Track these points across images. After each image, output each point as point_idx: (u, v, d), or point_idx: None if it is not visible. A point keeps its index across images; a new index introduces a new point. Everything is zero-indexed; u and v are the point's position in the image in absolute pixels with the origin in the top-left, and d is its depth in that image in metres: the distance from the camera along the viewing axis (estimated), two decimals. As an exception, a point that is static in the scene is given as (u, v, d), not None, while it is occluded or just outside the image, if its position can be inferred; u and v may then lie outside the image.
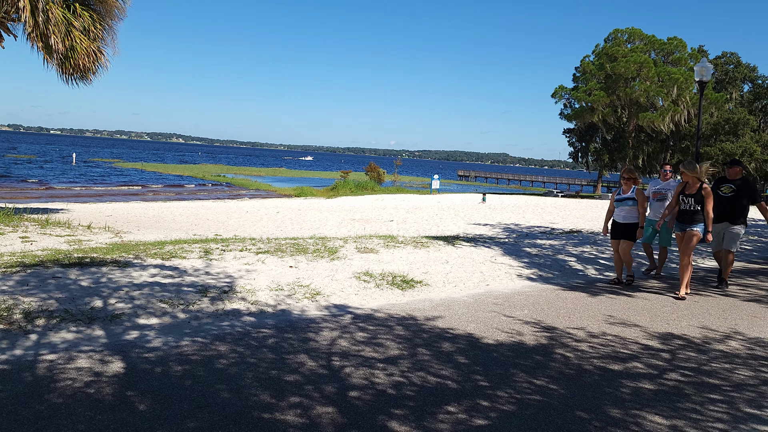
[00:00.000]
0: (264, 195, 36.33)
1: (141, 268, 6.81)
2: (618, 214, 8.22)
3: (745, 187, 8.26)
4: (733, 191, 8.27)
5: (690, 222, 7.70)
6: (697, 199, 7.64)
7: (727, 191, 8.32)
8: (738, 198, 8.20)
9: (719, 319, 6.40)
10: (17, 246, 8.92)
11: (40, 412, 3.43)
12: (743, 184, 8.28)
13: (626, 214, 8.10)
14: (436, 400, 3.86)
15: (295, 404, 3.70)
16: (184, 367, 4.26)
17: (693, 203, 7.67)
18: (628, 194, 8.15)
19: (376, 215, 20.30)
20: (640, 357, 4.95)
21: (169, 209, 21.15)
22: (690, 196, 7.71)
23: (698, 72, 14.92)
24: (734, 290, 8.06)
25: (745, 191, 8.23)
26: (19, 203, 20.18)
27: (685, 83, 41.85)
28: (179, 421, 3.41)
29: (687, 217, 7.73)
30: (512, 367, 4.58)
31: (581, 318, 6.21)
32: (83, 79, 13.35)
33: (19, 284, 5.82)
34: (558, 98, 48.87)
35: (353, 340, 5.08)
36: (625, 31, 46.60)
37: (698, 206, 7.59)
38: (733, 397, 4.13)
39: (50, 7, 11.46)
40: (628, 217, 8.09)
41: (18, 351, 4.47)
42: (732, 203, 8.21)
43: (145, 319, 5.35)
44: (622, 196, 8.18)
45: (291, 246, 8.82)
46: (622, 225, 8.14)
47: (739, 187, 8.25)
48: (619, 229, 8.19)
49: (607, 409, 3.82)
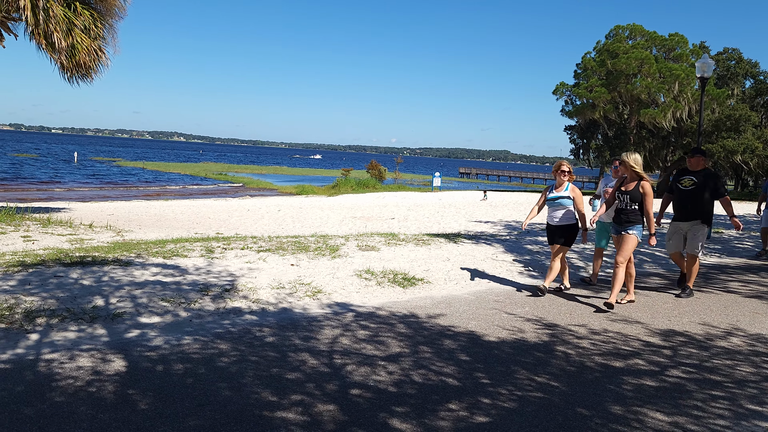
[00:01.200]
0: (265, 193, 36.34)
1: (142, 267, 6.81)
2: (551, 214, 7.15)
3: (707, 179, 7.23)
4: (694, 184, 7.24)
5: (625, 223, 6.68)
6: (634, 197, 6.65)
7: (688, 184, 7.30)
8: (700, 192, 7.21)
9: (721, 315, 6.39)
10: (19, 245, 8.93)
11: (42, 411, 3.44)
12: (706, 176, 7.26)
13: (561, 214, 7.05)
14: (438, 397, 3.86)
15: (296, 402, 3.70)
16: (185, 366, 4.27)
17: (629, 201, 6.68)
18: (562, 191, 7.08)
19: (378, 213, 20.30)
20: (641, 354, 4.94)
21: (171, 208, 21.16)
22: (626, 194, 6.72)
23: (699, 68, 14.88)
24: (736, 287, 8.04)
25: (708, 184, 7.21)
26: (21, 202, 20.21)
27: (686, 79, 41.74)
28: (181, 419, 3.41)
29: (623, 217, 6.72)
30: (513, 364, 4.58)
31: (583, 315, 6.20)
32: (85, 78, 13.35)
33: (20, 283, 5.82)
34: (559, 95, 48.77)
35: (355, 338, 5.09)
36: (626, 27, 46.49)
37: (635, 205, 6.63)
38: (735, 393, 4.12)
39: (51, 5, 11.46)
40: (563, 218, 7.04)
41: (20, 350, 4.47)
42: (693, 198, 7.24)
43: (147, 318, 5.35)
44: (555, 194, 7.11)
45: (292, 244, 8.82)
46: (555, 228, 7.10)
47: (702, 179, 7.23)
48: (553, 233, 7.15)
49: (609, 406, 3.81)
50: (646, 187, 6.60)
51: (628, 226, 6.63)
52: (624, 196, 6.72)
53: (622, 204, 6.73)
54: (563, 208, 7.02)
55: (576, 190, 7.05)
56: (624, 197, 6.72)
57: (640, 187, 6.61)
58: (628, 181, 6.77)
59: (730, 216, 7.20)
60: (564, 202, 7.00)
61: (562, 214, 7.03)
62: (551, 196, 7.12)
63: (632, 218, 6.62)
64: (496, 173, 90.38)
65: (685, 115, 42.74)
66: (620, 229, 6.71)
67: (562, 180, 7.09)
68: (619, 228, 6.72)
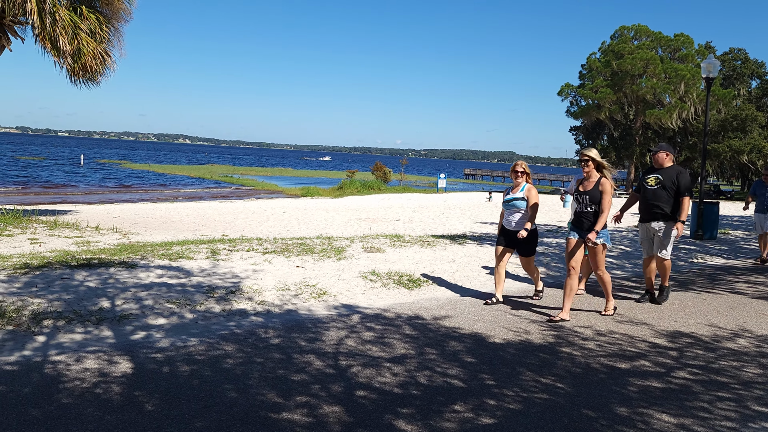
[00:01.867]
0: (271, 195, 36.41)
1: (148, 269, 6.84)
2: (508, 218, 6.58)
3: (673, 176, 6.72)
4: (659, 182, 6.75)
5: (584, 227, 6.11)
6: (594, 197, 6.05)
7: (653, 183, 6.81)
8: (664, 190, 6.71)
9: (727, 316, 6.37)
10: (26, 247, 8.98)
11: (49, 413, 3.46)
12: (671, 173, 6.74)
13: (518, 218, 6.51)
14: (443, 399, 3.86)
15: (302, 404, 3.70)
16: (191, 367, 4.28)
17: (588, 202, 6.07)
18: (517, 193, 6.52)
19: (383, 214, 20.31)
20: (647, 355, 4.93)
21: (176, 210, 21.23)
22: (585, 194, 6.12)
23: (705, 68, 14.83)
24: (742, 288, 8.01)
25: (674, 182, 6.69)
26: (28, 205, 20.31)
27: (692, 80, 41.63)
28: (187, 420, 3.42)
29: (584, 221, 6.11)
30: (519, 365, 4.57)
31: (588, 316, 6.19)
32: (91, 81, 13.43)
33: (27, 285, 5.85)
34: (564, 96, 48.72)
35: (360, 339, 5.09)
36: (631, 28, 46.41)
37: (595, 206, 6.04)
38: (742, 395, 4.10)
39: (57, 9, 11.53)
40: (522, 222, 6.48)
41: (27, 352, 4.50)
42: (657, 197, 6.74)
43: (153, 320, 5.37)
44: (511, 196, 6.57)
45: (298, 246, 8.83)
46: (513, 232, 6.51)
47: (667, 177, 6.73)
48: (509, 237, 6.54)
49: (615, 408, 3.80)
50: (605, 185, 6.04)
51: (589, 232, 6.03)
52: (583, 197, 6.12)
53: (581, 206, 6.13)
54: (520, 211, 6.49)
55: (532, 191, 6.49)
56: (583, 198, 6.12)
57: (600, 185, 6.05)
58: (587, 180, 6.18)
59: (677, 218, 6.64)
60: (519, 204, 6.47)
61: (519, 218, 6.49)
62: (506, 198, 6.61)
63: (593, 221, 6.05)
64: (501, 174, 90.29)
65: (690, 115, 42.61)
66: (581, 232, 6.13)
67: (518, 181, 6.57)
68: (581, 233, 6.13)
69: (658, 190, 6.73)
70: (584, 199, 6.09)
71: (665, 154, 6.85)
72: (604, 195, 6.00)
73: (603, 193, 6.01)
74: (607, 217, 6.04)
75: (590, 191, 6.08)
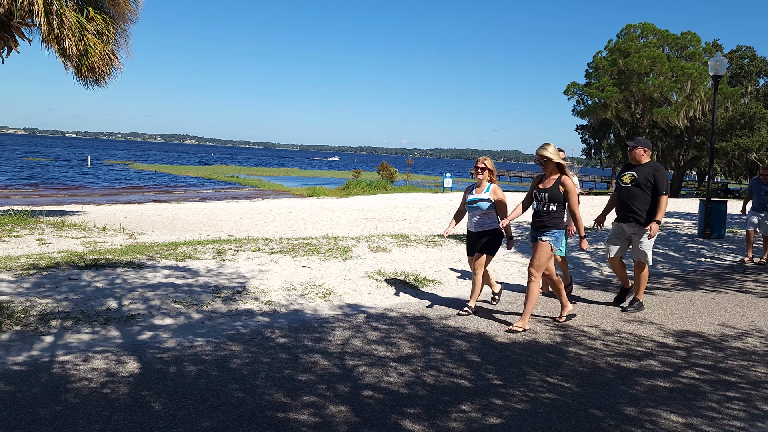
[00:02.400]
0: (277, 195, 36.46)
1: (155, 269, 6.86)
2: (471, 220, 6.14)
3: (650, 174, 6.24)
4: (634, 180, 6.30)
5: (540, 228, 5.67)
6: (554, 196, 5.62)
7: (628, 180, 6.36)
8: (640, 188, 6.26)
9: (736, 315, 6.33)
10: (33, 248, 9.02)
11: (56, 412, 3.47)
12: (647, 170, 6.29)
13: (481, 219, 6.02)
14: (449, 398, 3.85)
15: (308, 403, 3.71)
16: (198, 367, 4.29)
17: (547, 200, 5.65)
18: (482, 193, 6.04)
19: (389, 214, 20.30)
20: (655, 355, 4.91)
21: (183, 210, 21.29)
22: (544, 192, 5.69)
23: (712, 66, 14.75)
24: (751, 287, 7.96)
25: (650, 180, 6.22)
26: (35, 205, 20.42)
27: (699, 78, 41.39)
28: (194, 420, 3.43)
29: (537, 221, 5.72)
30: (525, 365, 4.56)
31: (595, 316, 6.17)
32: (98, 82, 13.47)
33: (35, 286, 5.88)
34: (570, 95, 48.54)
35: (366, 339, 5.09)
36: (637, 26, 46.20)
37: (553, 206, 5.60)
38: (751, 394, 4.08)
39: (64, 11, 11.58)
40: (483, 223, 6.01)
41: (35, 352, 4.52)
42: (632, 196, 6.30)
43: (160, 320, 5.39)
44: (474, 197, 6.08)
45: (304, 246, 8.84)
46: (476, 234, 6.08)
47: (643, 174, 6.27)
48: (473, 241, 6.13)
49: (622, 408, 3.79)
50: (567, 183, 5.59)
51: (543, 231, 5.63)
52: (541, 195, 5.68)
53: (540, 205, 5.72)
54: (481, 213, 6.03)
55: (497, 192, 6.00)
56: (542, 196, 5.68)
57: (560, 184, 5.60)
58: (546, 178, 5.75)
59: (653, 217, 6.20)
60: (482, 205, 5.99)
61: (481, 219, 6.04)
62: (470, 199, 6.09)
63: (547, 222, 5.61)
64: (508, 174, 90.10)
65: (698, 113, 42.40)
66: (535, 234, 5.71)
67: (480, 178, 6.10)
68: (534, 233, 5.73)
69: (633, 188, 6.29)
70: (543, 197, 5.66)
71: (642, 150, 6.39)
72: (570, 195, 5.58)
73: (567, 193, 5.57)
74: (580, 215, 5.62)
75: (550, 189, 5.63)
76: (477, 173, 6.09)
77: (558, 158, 5.62)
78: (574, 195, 5.61)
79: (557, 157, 5.61)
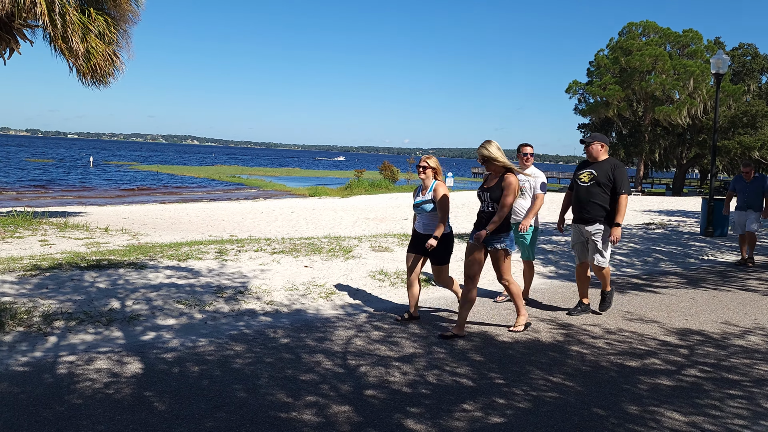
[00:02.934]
0: (279, 195, 36.48)
1: (157, 270, 6.87)
2: (418, 221, 5.72)
3: (608, 171, 5.85)
4: (593, 178, 5.89)
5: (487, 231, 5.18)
6: (494, 195, 5.16)
7: (586, 179, 5.93)
8: (598, 187, 5.85)
9: (738, 314, 6.32)
10: (36, 249, 9.04)
11: (60, 413, 3.48)
12: (606, 167, 5.88)
13: (428, 221, 5.59)
14: (452, 398, 3.85)
15: (311, 403, 3.71)
16: (201, 368, 4.30)
17: (489, 200, 5.20)
18: (426, 195, 5.56)
19: (391, 214, 20.30)
20: (657, 353, 4.90)
21: (185, 211, 21.31)
22: (486, 191, 5.26)
23: (714, 64, 14.73)
24: (754, 285, 7.95)
25: (609, 178, 5.82)
26: (38, 206, 20.45)
27: (701, 76, 41.33)
28: (197, 420, 3.44)
29: (482, 220, 5.29)
30: (528, 364, 4.56)
31: (597, 315, 6.16)
32: (100, 82, 13.50)
33: (38, 287, 5.90)
34: (572, 93, 48.48)
35: (368, 338, 5.09)
36: (639, 24, 46.13)
37: (496, 206, 5.14)
38: (753, 392, 4.07)
39: (67, 10, 11.61)
40: (432, 225, 5.55)
41: (38, 353, 4.53)
42: (590, 195, 5.89)
43: (163, 320, 5.40)
44: (420, 199, 5.61)
45: (306, 246, 8.85)
46: (423, 236, 5.60)
47: (602, 172, 5.86)
48: (419, 243, 5.64)
49: (625, 406, 3.79)
50: (508, 179, 5.10)
51: (494, 237, 5.18)
52: (485, 195, 5.26)
53: (483, 205, 5.30)
54: (427, 215, 5.59)
55: (440, 190, 5.50)
56: (485, 196, 5.26)
57: (504, 181, 5.13)
58: (492, 177, 5.31)
59: (613, 220, 5.80)
60: (426, 207, 5.53)
61: (428, 221, 5.59)
62: (416, 201, 5.65)
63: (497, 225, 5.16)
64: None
65: (700, 111, 42.33)
66: (486, 238, 5.21)
67: (422, 177, 5.63)
68: (482, 236, 5.20)
69: (592, 187, 5.87)
70: (486, 197, 5.25)
71: (600, 145, 5.98)
72: (504, 191, 5.08)
73: (505, 189, 5.08)
74: (505, 215, 5.09)
75: (492, 188, 5.20)
76: (420, 173, 5.62)
77: (500, 156, 5.20)
78: (508, 194, 5.07)
79: (500, 155, 5.21)
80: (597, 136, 6.07)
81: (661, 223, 15.52)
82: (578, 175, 6.04)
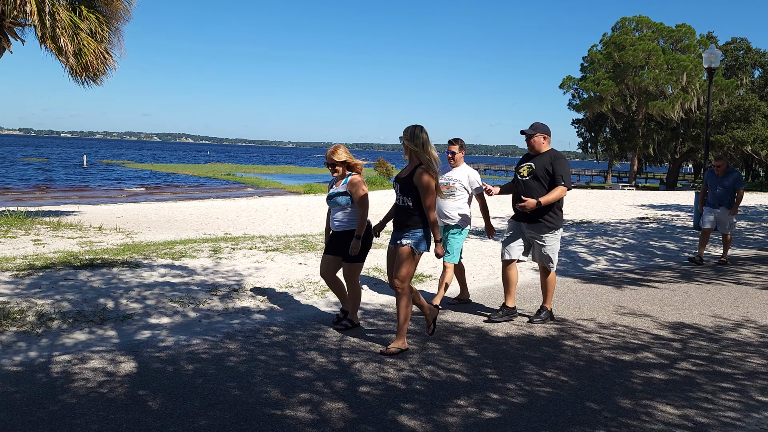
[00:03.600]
0: (273, 192, 36.43)
1: (151, 269, 6.86)
2: (333, 216, 5.31)
3: (546, 164, 5.40)
4: (531, 172, 5.46)
5: (399, 228, 4.69)
6: (406, 189, 4.63)
7: (525, 173, 5.51)
8: (537, 182, 5.42)
9: (731, 307, 6.36)
10: (29, 249, 9.01)
11: (54, 413, 3.48)
12: (545, 160, 5.44)
13: (343, 216, 5.21)
14: (446, 393, 3.87)
15: (305, 400, 3.72)
16: (195, 366, 4.30)
17: (399, 193, 4.70)
18: (339, 187, 5.20)
19: (386, 210, 20.30)
20: (650, 347, 4.93)
21: (179, 209, 21.25)
22: (397, 182, 4.76)
23: (707, 59, 14.79)
24: (747, 278, 7.99)
25: (548, 171, 5.38)
26: (31, 206, 20.37)
27: (694, 70, 41.47)
28: (191, 419, 3.44)
29: (397, 220, 4.76)
30: (522, 359, 4.57)
31: (591, 309, 6.18)
32: (93, 80, 13.46)
33: (31, 287, 5.88)
34: (566, 89, 48.58)
35: (363, 335, 5.10)
36: (632, 19, 46.24)
37: (409, 201, 4.60)
38: (746, 385, 4.10)
39: (57, 9, 11.55)
40: (346, 220, 5.20)
41: (32, 353, 4.52)
42: (528, 189, 5.44)
43: (157, 319, 5.39)
44: (333, 191, 5.24)
45: (300, 243, 8.85)
46: (339, 235, 5.23)
47: (540, 166, 5.42)
48: (335, 242, 5.26)
49: (618, 400, 3.81)
50: (420, 176, 4.52)
51: (403, 232, 4.64)
52: (395, 186, 4.77)
53: (396, 199, 4.76)
54: (344, 209, 5.20)
55: (355, 183, 5.13)
56: (395, 187, 4.76)
57: (414, 175, 4.56)
58: (408, 167, 4.72)
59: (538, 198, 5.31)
60: (340, 200, 5.16)
61: (343, 216, 5.22)
62: (330, 193, 5.27)
63: (406, 222, 4.64)
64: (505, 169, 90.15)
65: (693, 106, 42.49)
66: (395, 236, 4.73)
67: (337, 176, 5.27)
68: (394, 234, 4.75)
69: (530, 182, 5.43)
70: (396, 188, 4.74)
71: (542, 137, 5.51)
72: (423, 191, 4.53)
73: (419, 186, 4.53)
74: (434, 216, 4.55)
75: (403, 180, 4.66)
76: (332, 172, 5.28)
77: (348, 157, 5.09)
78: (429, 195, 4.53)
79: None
80: (538, 126, 5.57)
81: (654, 218, 15.58)
82: (518, 170, 5.62)
